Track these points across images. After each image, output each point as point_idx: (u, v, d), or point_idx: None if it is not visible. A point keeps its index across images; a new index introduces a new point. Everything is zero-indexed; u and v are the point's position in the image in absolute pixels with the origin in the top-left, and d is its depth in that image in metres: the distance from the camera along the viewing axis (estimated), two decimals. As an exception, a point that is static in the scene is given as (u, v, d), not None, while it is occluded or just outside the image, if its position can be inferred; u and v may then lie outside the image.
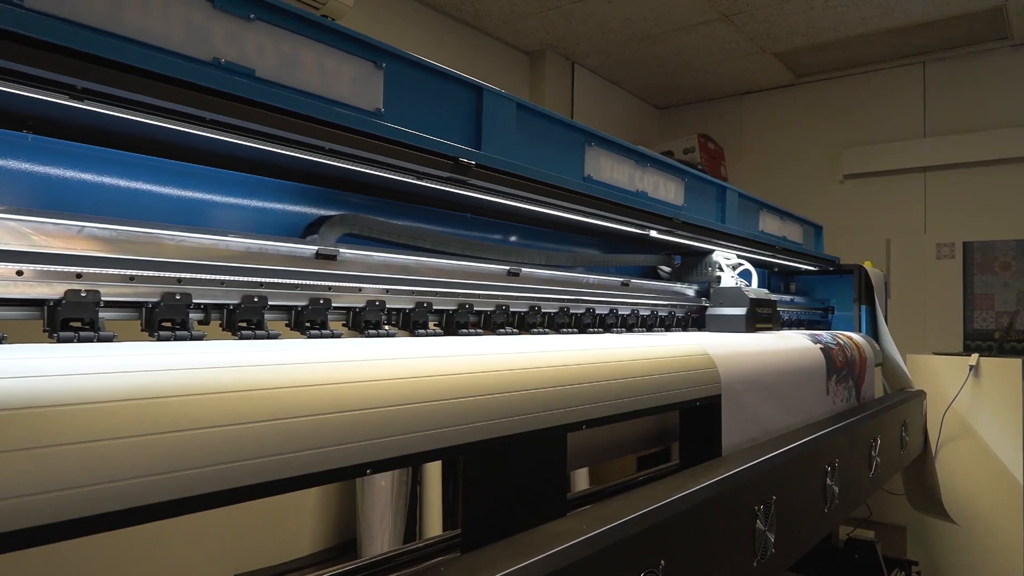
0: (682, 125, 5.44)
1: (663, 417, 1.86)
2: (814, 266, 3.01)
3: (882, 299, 3.25)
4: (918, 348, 4.19)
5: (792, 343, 2.09)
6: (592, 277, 1.70)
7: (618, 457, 2.24)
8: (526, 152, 1.40)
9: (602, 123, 4.90)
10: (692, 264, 2.28)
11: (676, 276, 2.28)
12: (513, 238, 1.69)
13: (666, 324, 2.00)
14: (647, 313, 1.90)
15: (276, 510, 2.88)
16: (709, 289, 2.22)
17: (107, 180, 0.95)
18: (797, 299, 3.02)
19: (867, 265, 3.31)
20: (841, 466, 1.81)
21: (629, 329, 1.83)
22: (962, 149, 4.42)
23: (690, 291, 2.17)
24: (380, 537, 2.86)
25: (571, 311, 1.61)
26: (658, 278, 2.27)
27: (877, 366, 2.97)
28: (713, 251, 2.24)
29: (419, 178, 1.15)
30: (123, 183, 0.97)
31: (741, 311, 2.14)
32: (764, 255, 2.43)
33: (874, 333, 3.14)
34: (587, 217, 1.59)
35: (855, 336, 2.70)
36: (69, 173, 0.91)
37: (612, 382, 1.21)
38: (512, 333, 1.41)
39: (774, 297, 2.34)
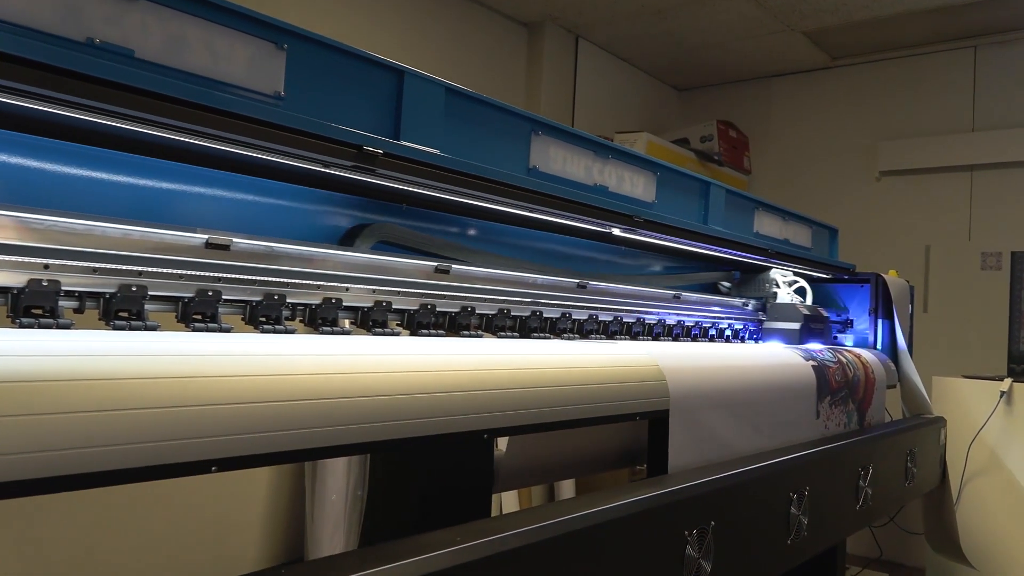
0: (704, 109, 5.50)
1: (636, 433, 1.94)
2: (824, 273, 3.07)
3: (904, 312, 3.29)
4: (958, 369, 4.22)
5: (775, 359, 2.15)
6: (540, 278, 1.78)
7: (587, 474, 2.31)
8: (458, 142, 1.49)
9: (610, 104, 4.97)
10: (749, 280, 2.75)
11: (737, 291, 2.71)
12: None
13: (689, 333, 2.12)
14: (654, 320, 1.98)
15: (219, 525, 2.99)
16: (766, 304, 2.66)
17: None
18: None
19: (891, 274, 3.36)
20: (814, 495, 1.87)
21: (585, 336, 1.91)
22: (1015, 146, 4.44)
23: (747, 305, 2.60)
24: (330, 553, 2.96)
25: (512, 313, 1.69)
26: (718, 293, 2.67)
27: (891, 388, 3.02)
28: (770, 268, 2.69)
29: (326, 167, 1.24)
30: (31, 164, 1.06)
31: (796, 326, 2.58)
32: (756, 260, 2.50)
33: (892, 350, 3.19)
34: (533, 212, 1.67)
35: (865, 353, 2.75)
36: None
37: (535, 389, 1.30)
38: (437, 335, 1.50)
39: (826, 313, 2.75)
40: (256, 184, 1.32)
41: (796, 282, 2.77)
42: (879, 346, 3.16)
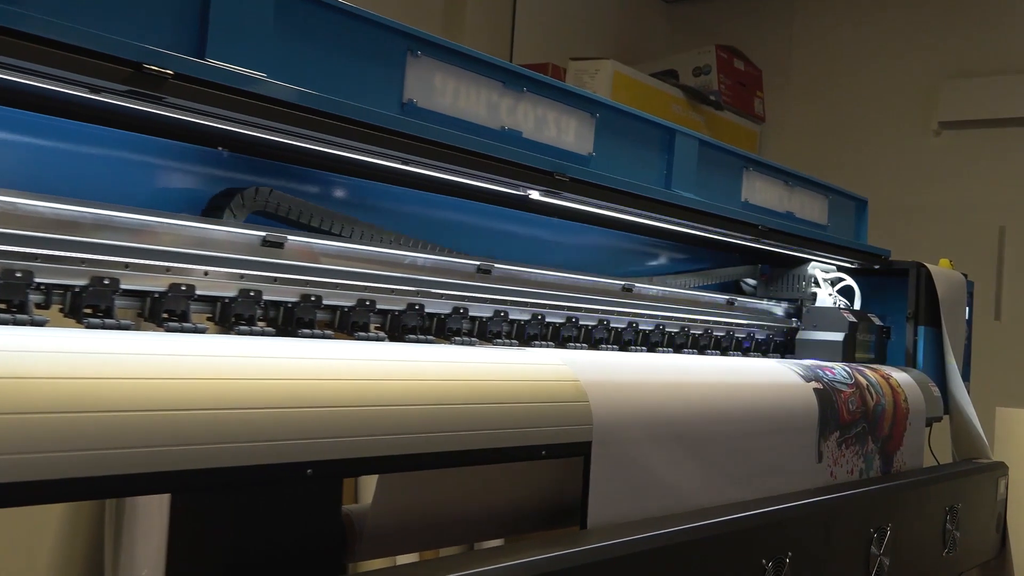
0: (701, 30, 5.59)
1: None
2: (846, 260, 3.17)
3: (957, 317, 3.39)
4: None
5: (759, 377, 2.23)
6: (423, 258, 1.83)
7: (513, 534, 2.36)
8: (296, 64, 1.53)
9: (567, 22, 5.03)
10: (779, 276, 3.04)
11: (764, 290, 3.04)
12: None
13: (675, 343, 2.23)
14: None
15: None
16: (802, 308, 2.94)
17: None
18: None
19: (942, 264, 3.47)
20: (798, 564, 1.96)
21: (489, 340, 1.97)
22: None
23: (778, 309, 2.90)
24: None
25: (380, 307, 1.74)
26: (741, 292, 2.99)
27: (935, 422, 3.13)
28: (809, 260, 2.98)
29: (95, 92, 1.28)
30: None
31: (838, 336, 2.79)
32: (742, 239, 2.59)
33: (939, 370, 3.29)
34: (409, 166, 1.72)
35: (897, 374, 2.85)
36: None
37: (386, 410, 1.35)
38: (264, 333, 1.54)
39: (879, 321, 3.01)
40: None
41: (841, 280, 3.06)
42: (920, 364, 3.27)
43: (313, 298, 1.63)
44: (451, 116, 1.82)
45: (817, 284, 3.00)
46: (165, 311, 1.44)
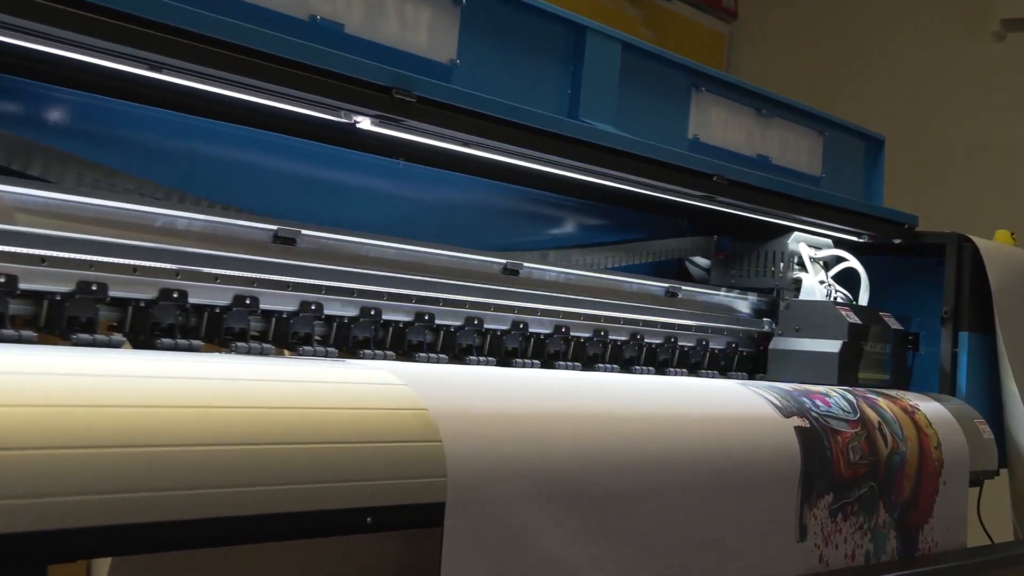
0: None
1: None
2: (850, 232, 3.19)
3: (1020, 317, 3.39)
4: None
5: (709, 407, 2.24)
6: (187, 218, 1.82)
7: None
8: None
9: None
10: (745, 254, 2.95)
11: (721, 274, 2.94)
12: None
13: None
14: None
15: None
16: (778, 302, 2.87)
17: None
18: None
19: (998, 238, 3.49)
20: None
21: (292, 347, 1.96)
22: None
23: (743, 303, 2.85)
24: None
25: (114, 294, 1.72)
26: (688, 277, 2.94)
27: (987, 479, 3.16)
28: (791, 231, 2.90)
29: None
30: None
31: (833, 347, 2.74)
32: (687, 195, 2.60)
33: (992, 399, 3.31)
34: (162, 73, 1.70)
35: (926, 406, 2.86)
36: None
37: (116, 452, 1.32)
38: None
39: (896, 324, 3.00)
40: None
41: (840, 261, 3.01)
42: (962, 390, 3.30)
43: (3, 279, 1.60)
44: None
45: (803, 266, 2.92)
46: None
